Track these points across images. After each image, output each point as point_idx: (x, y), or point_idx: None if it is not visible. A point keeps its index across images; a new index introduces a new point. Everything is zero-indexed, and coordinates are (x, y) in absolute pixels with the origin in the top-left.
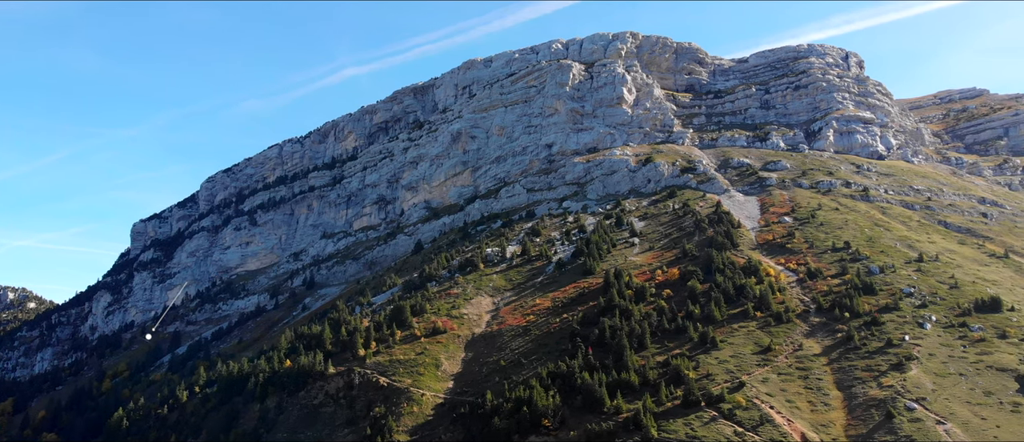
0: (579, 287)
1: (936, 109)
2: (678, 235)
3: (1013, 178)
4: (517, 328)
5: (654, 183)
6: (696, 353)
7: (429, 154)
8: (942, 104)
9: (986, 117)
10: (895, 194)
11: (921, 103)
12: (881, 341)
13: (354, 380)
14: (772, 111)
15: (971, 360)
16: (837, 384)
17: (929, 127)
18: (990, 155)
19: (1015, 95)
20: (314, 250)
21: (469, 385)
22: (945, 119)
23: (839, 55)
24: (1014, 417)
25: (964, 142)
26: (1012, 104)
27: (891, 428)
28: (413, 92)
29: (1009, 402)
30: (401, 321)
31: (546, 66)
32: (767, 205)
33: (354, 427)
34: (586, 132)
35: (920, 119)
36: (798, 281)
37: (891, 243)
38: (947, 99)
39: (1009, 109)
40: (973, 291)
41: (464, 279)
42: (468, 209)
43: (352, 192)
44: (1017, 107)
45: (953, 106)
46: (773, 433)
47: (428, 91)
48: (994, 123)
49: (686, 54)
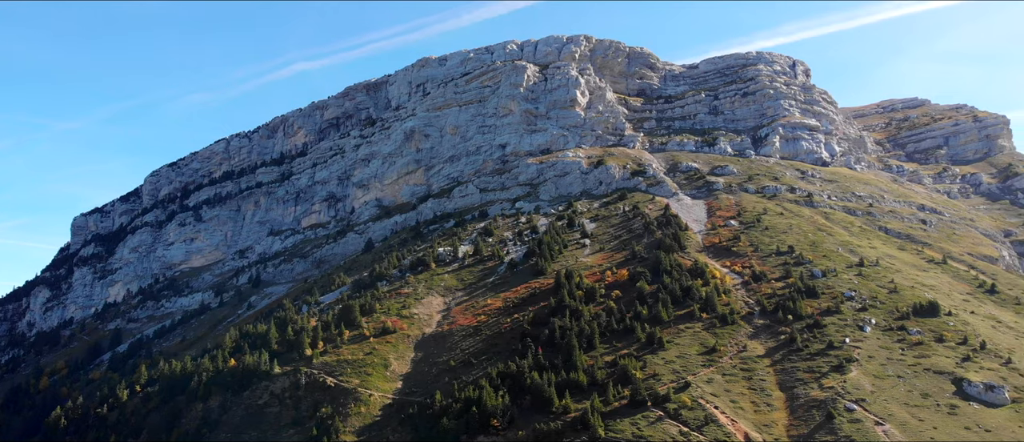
0: (531, 287)
1: (879, 118)
2: (628, 237)
3: (952, 186)
4: (468, 328)
5: (605, 185)
6: (643, 353)
7: (381, 152)
8: (885, 113)
9: (927, 127)
10: (838, 200)
11: (865, 112)
12: (823, 343)
13: (300, 380)
14: (721, 117)
15: (909, 363)
16: (780, 385)
17: (872, 135)
18: (930, 164)
19: (955, 106)
20: (261, 247)
21: (418, 385)
22: (887, 128)
23: (787, 63)
24: (950, 419)
25: (905, 150)
26: (952, 114)
27: (831, 428)
28: (366, 88)
29: (945, 404)
30: (350, 321)
31: (501, 67)
32: (714, 209)
33: (300, 428)
34: (540, 133)
35: (863, 127)
36: (743, 284)
37: (833, 248)
38: (890, 108)
39: (949, 119)
40: (912, 296)
41: (415, 279)
42: (420, 208)
43: (301, 189)
44: (957, 118)
45: (895, 115)
46: (717, 433)
47: (381, 88)
48: (934, 133)
49: (638, 59)
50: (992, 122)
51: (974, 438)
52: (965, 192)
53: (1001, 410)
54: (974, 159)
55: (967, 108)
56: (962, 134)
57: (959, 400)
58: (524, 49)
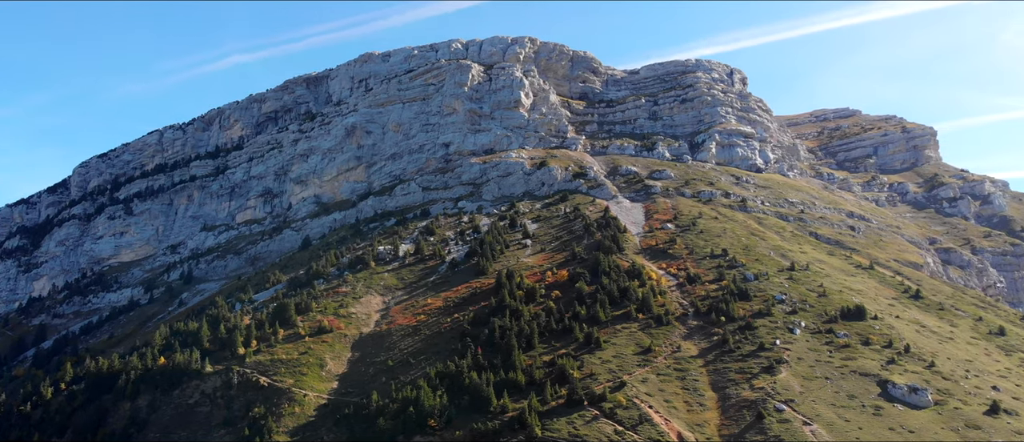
0: (472, 287)
1: (812, 127)
2: (569, 238)
3: (880, 195)
4: (407, 328)
5: (548, 187)
6: (581, 353)
7: (321, 147)
8: (817, 122)
9: (857, 136)
10: (771, 206)
11: (798, 120)
12: (754, 345)
13: (233, 379)
14: (660, 122)
15: (836, 364)
16: (712, 385)
17: (805, 143)
18: (860, 172)
19: (885, 117)
20: (193, 243)
21: (355, 386)
22: (820, 136)
23: (724, 71)
24: (875, 420)
25: (836, 159)
26: (882, 125)
27: (761, 428)
28: (306, 82)
29: (871, 405)
30: (285, 319)
31: (446, 65)
32: (652, 212)
33: (231, 428)
34: (483, 133)
35: (797, 136)
36: (678, 285)
37: (766, 252)
38: (822, 118)
39: (879, 130)
40: (840, 299)
41: (354, 277)
42: (361, 205)
43: (236, 183)
44: (886, 128)
45: (827, 125)
46: (651, 432)
47: (322, 82)
48: (864, 142)
49: (581, 63)
50: (919, 133)
51: (898, 439)
52: (892, 200)
53: (924, 412)
54: (902, 169)
55: (896, 119)
56: (891, 144)
57: (884, 402)
58: (469, 49)
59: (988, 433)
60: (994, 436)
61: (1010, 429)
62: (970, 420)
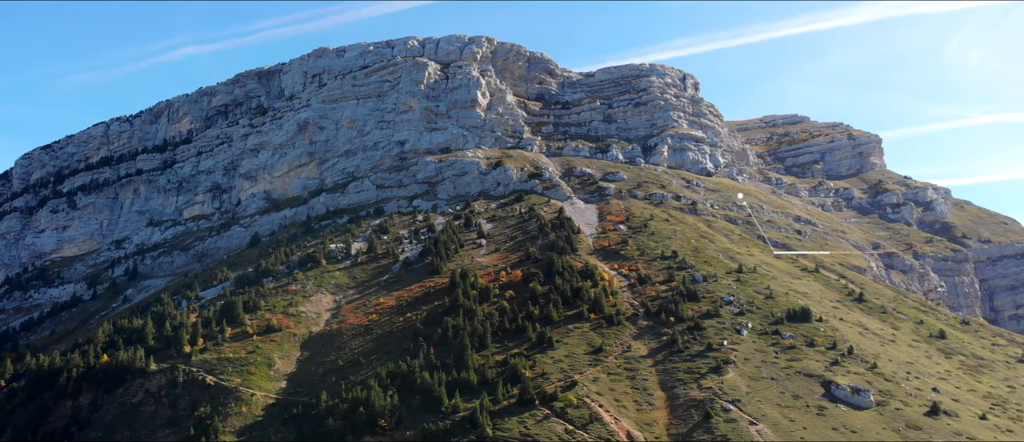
0: (425, 286)
1: (761, 132)
2: (523, 238)
3: (826, 200)
4: (358, 327)
5: (503, 187)
6: (534, 353)
7: (272, 142)
8: (767, 128)
9: (805, 142)
10: (720, 209)
11: (748, 126)
12: (702, 345)
13: (178, 378)
14: (614, 125)
15: (782, 365)
16: (661, 385)
17: (754, 149)
18: (807, 177)
19: (832, 124)
20: (139, 238)
21: (304, 385)
22: (769, 142)
23: (677, 76)
24: (819, 420)
25: (784, 164)
26: (829, 132)
27: (708, 427)
28: (258, 76)
29: (815, 405)
30: (232, 317)
31: (402, 62)
32: (605, 213)
33: (176, 427)
34: (439, 132)
35: (746, 141)
36: (629, 286)
37: (715, 254)
38: (771, 123)
39: (826, 136)
40: (786, 302)
41: (304, 275)
42: (312, 202)
43: (184, 178)
44: (833, 135)
45: (776, 130)
46: (601, 431)
47: (274, 76)
48: (812, 148)
49: (538, 64)
50: (865, 140)
51: (841, 438)
52: (838, 205)
53: (866, 412)
54: (847, 174)
55: (843, 126)
56: (837, 151)
57: (827, 402)
58: (425, 46)
59: (928, 433)
60: (934, 437)
61: (950, 430)
62: (911, 421)
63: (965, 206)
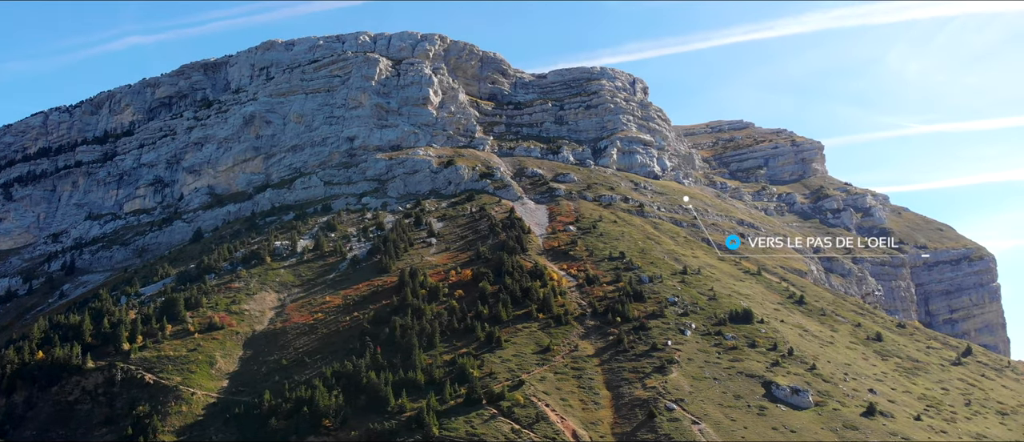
0: (373, 285)
1: (707, 137)
2: (474, 237)
3: (769, 204)
4: (303, 326)
5: (454, 185)
6: (482, 352)
7: (217, 136)
8: (713, 133)
9: (750, 148)
10: (666, 211)
11: (695, 131)
12: (647, 345)
13: (116, 376)
14: (565, 127)
15: (724, 365)
16: (607, 384)
17: (700, 153)
18: (751, 182)
19: (776, 130)
20: (77, 232)
21: (246, 384)
22: (714, 147)
23: (627, 80)
24: (760, 420)
25: (729, 169)
26: (773, 138)
27: (652, 427)
28: (203, 68)
29: (756, 405)
30: (173, 315)
31: (352, 57)
32: (555, 214)
33: (113, 426)
34: (390, 129)
35: (693, 145)
36: (578, 286)
37: (660, 255)
38: (717, 129)
39: (770, 142)
40: (729, 303)
41: (248, 273)
42: (257, 198)
43: (125, 171)
44: (777, 141)
45: (722, 136)
46: (547, 430)
47: (220, 68)
48: (756, 154)
49: (491, 64)
50: (808, 147)
51: (780, 438)
52: (780, 210)
53: (805, 412)
54: (790, 180)
55: (787, 133)
56: (781, 156)
57: (768, 402)
58: (377, 42)
59: (864, 433)
60: (870, 437)
61: (885, 430)
62: (848, 421)
63: (903, 213)
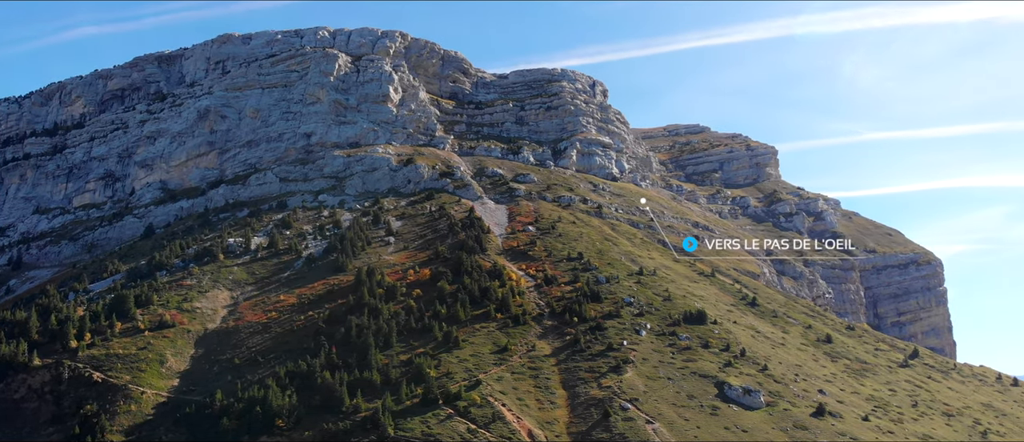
0: (329, 284)
1: (665, 140)
2: (433, 237)
3: (723, 207)
4: (257, 325)
5: (414, 184)
6: (439, 352)
7: (171, 130)
8: (670, 136)
9: (706, 152)
10: (624, 213)
11: (652, 134)
12: (603, 345)
13: (63, 374)
14: (526, 127)
15: (678, 366)
16: (563, 384)
17: (657, 156)
18: (706, 185)
19: (732, 135)
20: (24, 226)
21: (198, 384)
22: (671, 150)
23: (587, 82)
24: (712, 419)
25: (685, 172)
26: (728, 142)
27: (607, 426)
28: (158, 60)
29: (709, 405)
30: (123, 312)
31: (311, 52)
32: (515, 214)
33: (61, 425)
34: (349, 126)
35: (651, 148)
36: (536, 286)
37: (618, 256)
38: (674, 132)
39: (725, 147)
40: (683, 304)
41: (200, 270)
42: (211, 194)
43: (75, 164)
44: (732, 145)
45: (679, 139)
46: (503, 430)
47: (175, 61)
48: (712, 158)
49: (452, 62)
50: (762, 152)
51: (732, 438)
52: (734, 213)
53: (756, 412)
54: (744, 184)
55: (741, 138)
56: (735, 161)
57: (720, 402)
58: (336, 38)
59: (814, 433)
60: (819, 436)
61: (834, 430)
62: (798, 421)
63: (853, 217)
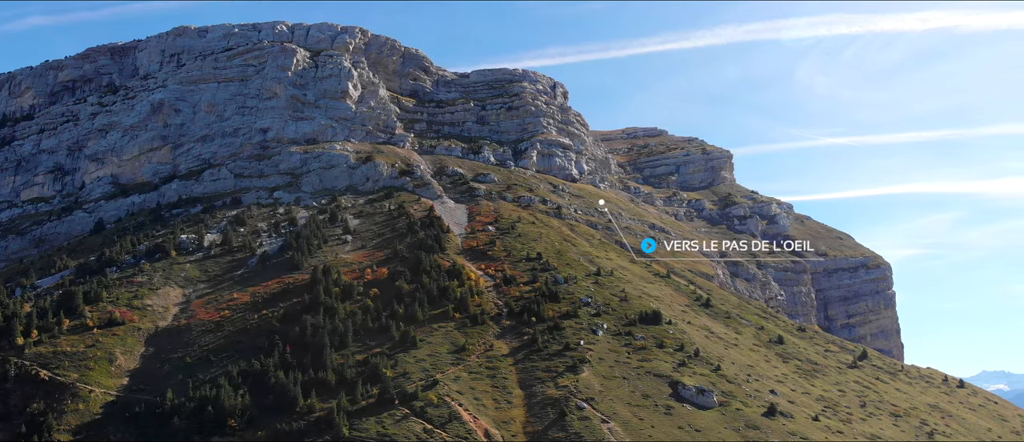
0: (284, 282)
1: (623, 143)
2: (391, 235)
3: (679, 209)
4: (209, 323)
5: (373, 182)
6: (396, 352)
7: (123, 123)
8: (628, 139)
9: (663, 155)
10: (583, 214)
11: (611, 136)
12: (561, 345)
13: (9, 371)
14: (487, 127)
15: (634, 365)
16: (520, 383)
17: (616, 158)
18: (663, 188)
19: (688, 138)
20: None
21: (148, 383)
22: (629, 152)
23: (548, 84)
24: (666, 418)
25: (643, 174)
26: (684, 146)
27: (563, 425)
28: (111, 52)
29: (663, 404)
30: (71, 309)
31: (269, 47)
32: (475, 214)
33: (6, 424)
34: (306, 122)
35: (609, 150)
36: (495, 286)
37: (576, 257)
38: (633, 135)
39: (682, 150)
40: (639, 304)
41: (152, 267)
42: (163, 189)
43: (23, 157)
44: (688, 149)
45: (637, 142)
46: (459, 429)
47: (129, 53)
48: (668, 161)
49: (413, 60)
50: (718, 156)
51: (686, 437)
52: (690, 215)
53: (709, 412)
54: (700, 187)
55: (697, 141)
56: (691, 164)
57: (674, 401)
58: (295, 33)
59: (765, 433)
60: (771, 436)
61: (785, 430)
62: (750, 421)
63: (805, 221)
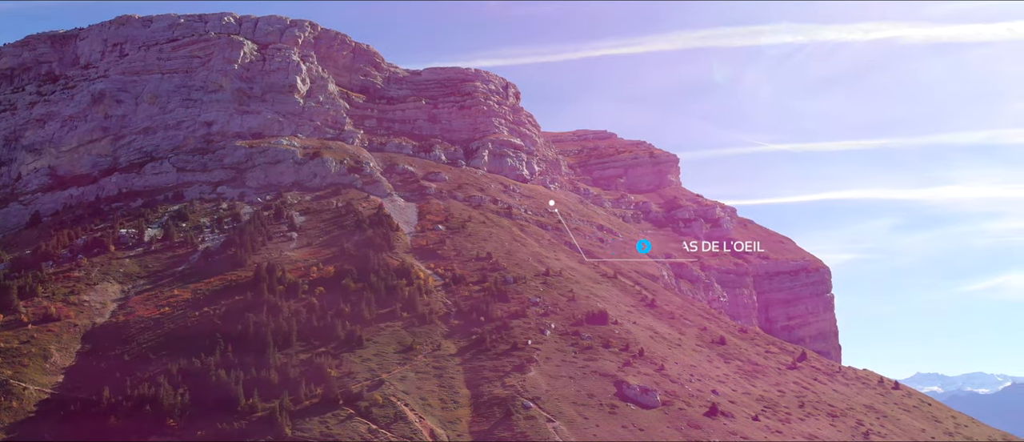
0: (226, 280)
1: (573, 144)
2: (339, 233)
3: (627, 211)
4: (149, 320)
5: (320, 178)
6: (342, 352)
7: (62, 113)
8: (578, 141)
9: (611, 157)
10: (533, 214)
11: (562, 138)
12: (508, 344)
13: None
14: (438, 126)
15: (580, 365)
16: (467, 383)
17: (566, 160)
18: (611, 190)
19: (636, 141)
20: None
21: (84, 380)
22: (579, 154)
23: (501, 84)
24: (611, 417)
25: (592, 176)
26: (633, 149)
27: (509, 425)
28: (51, 40)
29: (607, 404)
30: (5, 303)
31: (215, 38)
32: (425, 212)
33: None
34: (252, 116)
35: (560, 152)
36: (444, 285)
37: (526, 257)
38: (583, 137)
39: (630, 153)
40: (586, 305)
41: (89, 262)
42: (103, 182)
43: None
44: (637, 152)
45: (587, 144)
46: (405, 430)
47: (70, 42)
48: (617, 163)
49: (364, 56)
50: (664, 159)
51: (629, 437)
52: (637, 217)
53: (653, 411)
54: (647, 189)
55: (646, 145)
56: (639, 167)
57: (619, 401)
58: (243, 25)
59: (707, 433)
60: (712, 435)
61: (726, 429)
62: (692, 420)
63: (748, 225)
